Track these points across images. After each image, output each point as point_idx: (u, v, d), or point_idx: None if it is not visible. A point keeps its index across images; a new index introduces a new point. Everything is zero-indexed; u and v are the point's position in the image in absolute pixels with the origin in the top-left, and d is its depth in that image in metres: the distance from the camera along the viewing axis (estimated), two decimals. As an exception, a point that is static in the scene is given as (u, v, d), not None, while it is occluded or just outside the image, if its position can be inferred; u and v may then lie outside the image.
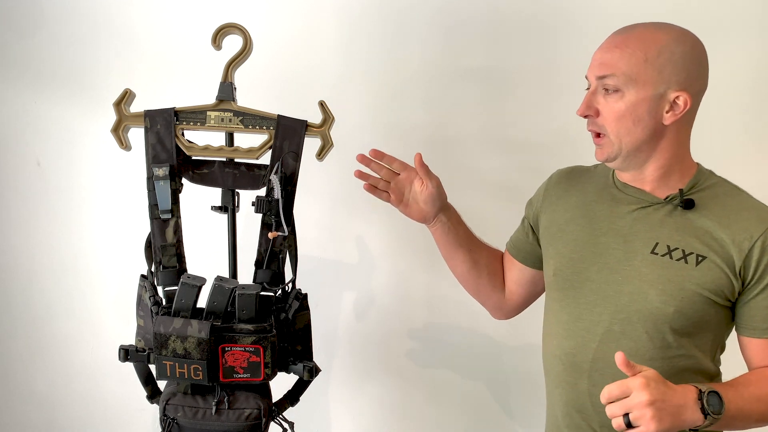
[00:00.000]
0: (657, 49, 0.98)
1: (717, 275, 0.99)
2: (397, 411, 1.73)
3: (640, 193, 1.06)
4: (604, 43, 1.04)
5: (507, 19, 1.58)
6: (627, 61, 0.98)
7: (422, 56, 1.61)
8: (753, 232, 0.98)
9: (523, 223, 1.27)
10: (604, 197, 1.11)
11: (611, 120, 1.01)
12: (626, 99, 0.99)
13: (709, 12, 1.55)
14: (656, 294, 1.00)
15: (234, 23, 1.26)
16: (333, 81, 1.62)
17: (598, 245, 1.07)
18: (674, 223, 1.02)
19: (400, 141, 1.63)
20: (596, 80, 1.01)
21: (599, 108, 1.02)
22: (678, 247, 1.00)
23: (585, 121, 1.03)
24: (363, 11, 1.60)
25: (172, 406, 1.18)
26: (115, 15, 1.63)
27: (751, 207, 1.02)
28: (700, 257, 0.99)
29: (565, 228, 1.12)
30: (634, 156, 1.03)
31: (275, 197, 1.21)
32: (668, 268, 1.00)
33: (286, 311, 1.23)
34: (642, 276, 1.01)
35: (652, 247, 1.02)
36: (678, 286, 0.99)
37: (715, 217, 1.01)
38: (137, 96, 1.28)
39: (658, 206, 1.04)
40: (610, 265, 1.05)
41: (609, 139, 1.02)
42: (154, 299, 1.20)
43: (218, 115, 1.24)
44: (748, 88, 1.56)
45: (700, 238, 1.00)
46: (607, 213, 1.08)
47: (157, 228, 1.22)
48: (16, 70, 1.66)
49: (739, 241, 0.98)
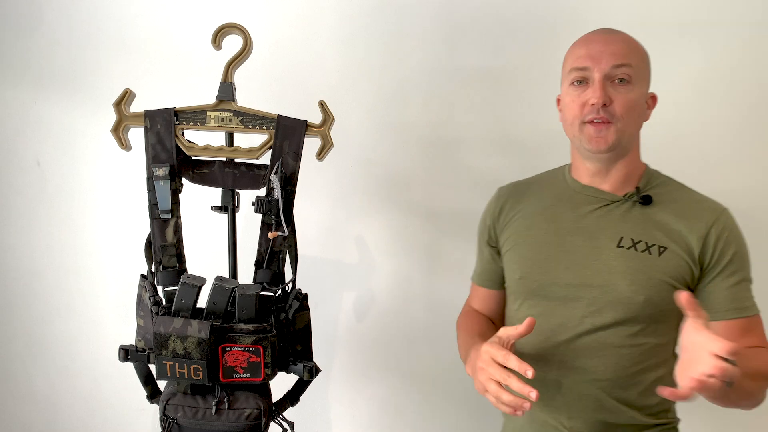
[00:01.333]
0: (643, 52, 1.09)
1: (678, 263, 1.05)
2: (397, 411, 1.73)
3: (600, 192, 1.12)
4: (598, 38, 1.08)
5: (507, 18, 1.58)
6: (635, 55, 1.06)
7: (422, 56, 1.61)
8: (707, 221, 1.06)
9: (482, 252, 1.28)
10: (564, 200, 1.15)
11: (623, 109, 1.04)
12: (635, 91, 1.05)
13: (709, 12, 1.55)
14: (626, 284, 1.04)
15: (234, 23, 1.26)
16: (333, 81, 1.62)
17: (564, 244, 1.11)
18: (635, 218, 1.09)
19: (400, 141, 1.63)
20: (610, 69, 1.04)
21: (611, 96, 1.04)
22: (641, 240, 1.07)
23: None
24: (363, 11, 1.60)
25: (172, 406, 1.18)
26: (115, 15, 1.63)
27: (699, 200, 1.11)
28: (662, 248, 1.06)
29: (527, 234, 1.16)
30: (624, 147, 1.09)
31: (275, 197, 1.21)
32: (635, 260, 1.06)
33: (286, 311, 1.23)
34: (611, 269, 1.06)
35: (617, 241, 1.07)
36: (645, 275, 1.04)
37: (671, 210, 1.09)
38: (137, 96, 1.28)
39: (618, 204, 1.11)
40: (578, 261, 1.09)
41: (616, 127, 1.05)
42: (154, 299, 1.20)
43: (218, 115, 1.24)
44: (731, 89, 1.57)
45: (660, 230, 1.07)
46: (570, 214, 1.13)
47: (157, 228, 1.22)
48: (16, 70, 1.66)
49: (696, 230, 1.06)
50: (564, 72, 1.12)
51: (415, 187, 1.66)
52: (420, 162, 1.63)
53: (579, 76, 1.07)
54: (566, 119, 1.11)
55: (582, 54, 1.07)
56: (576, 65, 1.07)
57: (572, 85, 1.08)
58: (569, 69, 1.09)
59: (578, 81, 1.07)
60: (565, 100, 1.10)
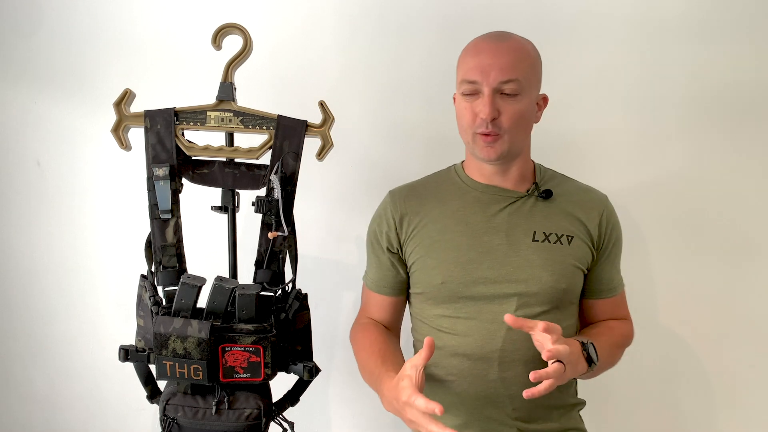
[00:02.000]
0: (533, 57, 1.13)
1: (584, 249, 1.17)
2: (397, 411, 1.73)
3: (503, 191, 1.19)
4: (487, 48, 1.11)
5: (507, 19, 1.58)
6: (522, 67, 1.10)
7: (422, 56, 1.61)
8: (598, 209, 1.19)
9: (378, 258, 1.27)
10: (470, 201, 1.20)
11: (511, 121, 1.10)
12: (523, 101, 1.10)
13: (713, 12, 1.55)
14: (549, 275, 1.13)
15: (234, 23, 1.26)
16: (333, 81, 1.62)
17: (482, 245, 1.15)
18: (540, 212, 1.17)
19: (400, 141, 1.63)
20: (498, 84, 1.08)
21: (500, 109, 1.09)
22: (552, 232, 1.15)
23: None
24: (363, 11, 1.60)
25: (172, 406, 1.18)
26: (115, 15, 1.63)
27: (585, 189, 1.23)
28: (570, 236, 1.16)
29: (441, 238, 1.18)
30: (515, 153, 1.15)
31: (275, 197, 1.21)
32: (551, 251, 1.14)
33: (286, 311, 1.23)
34: (531, 262, 1.13)
35: (531, 236, 1.15)
36: (562, 264, 1.14)
37: (566, 200, 1.19)
38: (137, 96, 1.28)
39: (523, 200, 1.18)
40: (499, 259, 1.14)
41: (504, 138, 1.11)
42: (154, 299, 1.20)
43: (218, 115, 1.24)
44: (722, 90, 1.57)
45: (563, 220, 1.17)
46: (480, 214, 1.18)
47: (157, 228, 1.22)
48: (16, 70, 1.66)
49: (592, 217, 1.18)
50: (457, 77, 1.17)
51: (415, 187, 1.66)
52: (420, 162, 1.63)
53: (470, 88, 1.11)
54: (460, 125, 1.16)
55: (472, 66, 1.11)
56: (466, 77, 1.11)
57: (464, 95, 1.12)
58: (461, 80, 1.13)
59: (469, 93, 1.11)
60: (459, 106, 1.16)
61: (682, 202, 1.60)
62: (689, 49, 1.56)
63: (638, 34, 1.57)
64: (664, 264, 1.62)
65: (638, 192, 1.60)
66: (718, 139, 1.58)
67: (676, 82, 1.57)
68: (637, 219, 1.59)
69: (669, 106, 1.58)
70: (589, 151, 1.59)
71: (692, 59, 1.57)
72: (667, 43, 1.57)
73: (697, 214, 1.61)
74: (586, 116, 1.59)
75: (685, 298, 1.63)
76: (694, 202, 1.60)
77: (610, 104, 1.59)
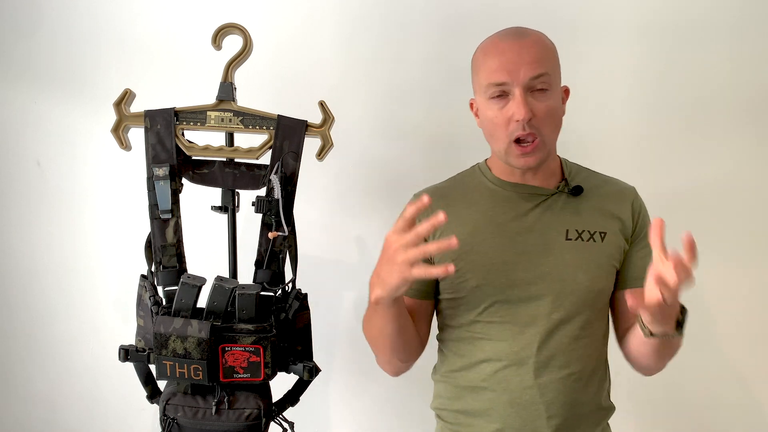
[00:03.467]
0: (553, 48, 1.08)
1: (618, 244, 1.11)
2: (398, 411, 1.73)
3: (532, 189, 1.12)
4: (509, 47, 1.03)
5: (507, 18, 1.57)
6: (550, 60, 1.05)
7: (423, 56, 1.61)
8: (629, 199, 1.14)
9: None
10: (498, 201, 1.13)
11: (546, 119, 1.03)
12: (554, 96, 1.05)
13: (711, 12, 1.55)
14: (584, 274, 1.08)
15: (234, 23, 1.26)
16: (333, 81, 1.62)
17: (516, 245, 1.09)
18: (572, 209, 1.11)
19: (400, 141, 1.63)
20: (529, 80, 1.01)
21: (533, 109, 1.02)
22: (585, 230, 1.10)
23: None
24: (363, 11, 1.60)
25: (172, 406, 1.18)
26: (115, 15, 1.63)
27: (610, 180, 1.18)
28: (603, 233, 1.10)
29: (472, 241, 1.10)
30: (550, 152, 1.10)
31: (275, 197, 1.21)
32: (585, 250, 1.09)
33: (286, 311, 1.23)
34: (566, 262, 1.08)
35: (564, 234, 1.09)
36: (596, 263, 1.09)
37: (596, 195, 1.13)
38: (137, 96, 1.28)
39: (554, 197, 1.12)
40: (534, 260, 1.09)
41: (542, 140, 1.04)
42: (154, 299, 1.20)
43: (218, 115, 1.24)
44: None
45: (595, 216, 1.11)
46: (511, 214, 1.11)
47: (157, 228, 1.22)
48: (16, 70, 1.66)
49: (624, 209, 1.12)
50: (478, 81, 1.08)
51: (415, 187, 1.66)
52: (420, 162, 1.63)
53: (497, 91, 1.03)
54: (490, 133, 1.08)
55: (496, 67, 1.03)
56: (492, 80, 1.03)
57: (491, 99, 1.05)
58: (486, 83, 1.04)
59: (497, 95, 1.04)
60: (487, 114, 1.06)
61: (686, 203, 1.60)
62: (691, 50, 1.56)
63: (641, 34, 1.57)
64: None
65: (641, 193, 1.60)
66: (720, 139, 1.58)
67: (679, 83, 1.57)
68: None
69: (672, 107, 1.58)
70: (592, 152, 1.58)
71: (694, 60, 1.57)
72: (669, 44, 1.57)
73: (700, 214, 1.61)
74: (588, 117, 1.58)
75: (690, 299, 1.63)
76: (698, 202, 1.60)
77: (613, 105, 1.59)
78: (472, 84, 1.13)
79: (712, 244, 1.61)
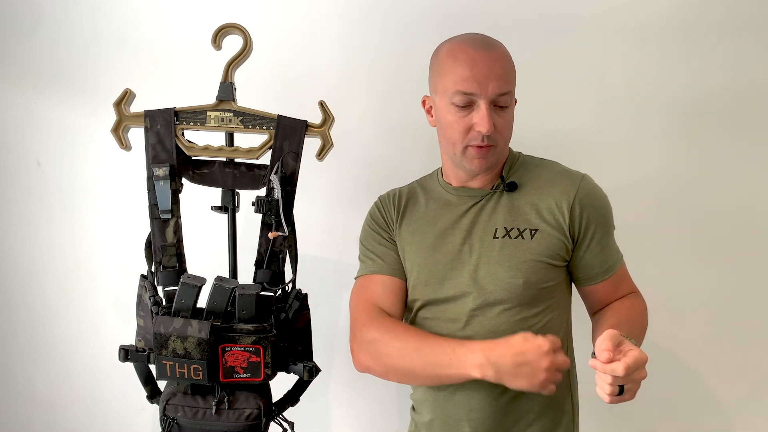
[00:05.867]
0: (513, 63, 1.11)
1: (551, 242, 1.12)
2: (398, 411, 1.73)
3: (471, 191, 1.18)
4: (481, 59, 1.06)
5: (507, 18, 1.58)
6: (513, 76, 1.10)
7: (423, 56, 1.61)
8: (569, 194, 1.12)
9: (383, 246, 1.23)
10: (441, 204, 1.20)
11: (504, 132, 1.11)
12: (511, 111, 1.11)
13: (711, 13, 1.55)
14: (505, 270, 1.10)
15: (234, 23, 1.26)
16: (333, 81, 1.62)
17: (446, 244, 1.16)
18: (504, 207, 1.14)
19: (400, 141, 1.63)
20: (496, 96, 1.06)
21: (495, 123, 1.08)
22: (513, 227, 1.13)
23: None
24: (363, 11, 1.60)
25: (172, 406, 1.18)
26: (116, 15, 1.63)
27: (560, 172, 1.17)
28: (533, 230, 1.12)
29: (412, 239, 1.19)
30: (500, 160, 1.16)
31: (275, 197, 1.21)
32: (510, 247, 1.11)
33: (286, 311, 1.23)
34: (490, 259, 1.12)
35: (492, 233, 1.13)
36: (520, 259, 1.10)
37: (535, 190, 1.15)
38: (137, 96, 1.28)
39: (488, 197, 1.16)
40: (461, 259, 1.14)
41: (495, 149, 1.11)
42: (154, 299, 1.20)
43: (218, 115, 1.24)
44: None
45: (528, 213, 1.13)
46: (448, 216, 1.18)
47: (157, 228, 1.22)
48: (16, 70, 1.65)
49: (561, 205, 1.12)
50: (442, 83, 1.10)
51: (415, 187, 1.66)
52: (420, 162, 1.62)
53: (464, 100, 1.07)
54: (447, 136, 1.12)
55: (467, 77, 1.05)
56: (461, 89, 1.06)
57: (455, 105, 1.08)
58: (453, 90, 1.07)
59: (463, 104, 1.07)
60: (447, 117, 1.10)
61: (680, 202, 1.60)
62: (688, 49, 1.56)
63: (637, 34, 1.57)
64: (660, 264, 1.62)
65: (638, 192, 1.60)
66: (717, 139, 1.58)
67: (675, 82, 1.57)
68: (635, 219, 1.59)
69: (668, 106, 1.58)
70: (588, 150, 1.59)
71: (691, 59, 1.57)
72: (666, 43, 1.57)
73: (696, 213, 1.61)
74: (585, 116, 1.59)
75: (683, 297, 1.63)
76: (693, 201, 1.60)
77: (609, 104, 1.59)
78: (431, 82, 1.17)
79: (704, 242, 1.62)
